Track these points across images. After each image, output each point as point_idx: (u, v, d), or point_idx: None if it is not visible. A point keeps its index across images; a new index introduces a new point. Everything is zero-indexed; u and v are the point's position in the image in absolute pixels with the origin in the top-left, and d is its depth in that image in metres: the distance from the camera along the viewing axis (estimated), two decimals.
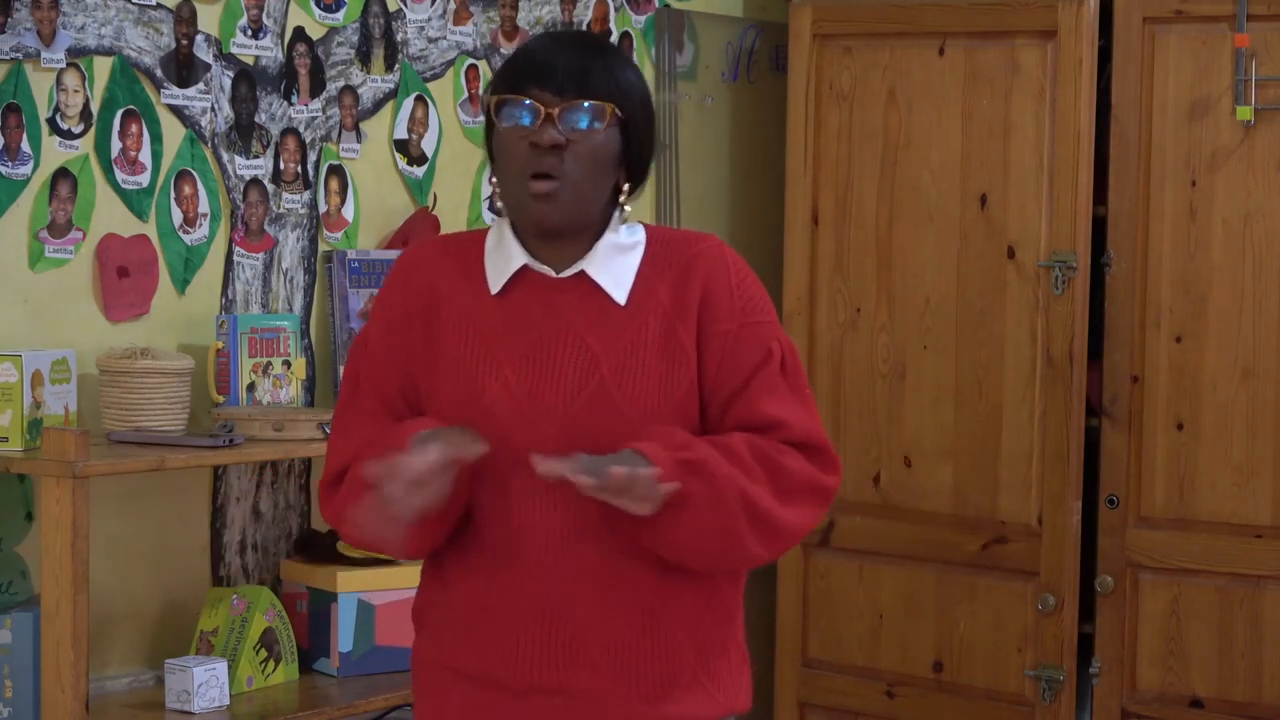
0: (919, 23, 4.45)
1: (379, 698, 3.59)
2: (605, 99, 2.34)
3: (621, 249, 2.41)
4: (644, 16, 4.57)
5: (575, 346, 2.36)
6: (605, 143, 2.35)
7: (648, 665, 2.38)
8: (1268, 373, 4.13)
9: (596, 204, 2.38)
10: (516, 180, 2.36)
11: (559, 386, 2.35)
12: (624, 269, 2.40)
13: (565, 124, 2.33)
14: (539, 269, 2.40)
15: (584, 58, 2.36)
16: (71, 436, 3.13)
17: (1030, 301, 4.32)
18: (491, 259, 2.43)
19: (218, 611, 3.58)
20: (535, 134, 2.32)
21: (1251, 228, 4.14)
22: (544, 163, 2.33)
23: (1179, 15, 4.18)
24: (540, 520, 2.35)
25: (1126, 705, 4.29)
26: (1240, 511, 4.16)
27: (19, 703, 3.26)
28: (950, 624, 4.44)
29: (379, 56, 4.00)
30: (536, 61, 2.36)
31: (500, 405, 2.35)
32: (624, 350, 2.36)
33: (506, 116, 2.35)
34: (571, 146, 2.33)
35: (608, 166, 2.37)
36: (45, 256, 3.44)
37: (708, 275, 2.40)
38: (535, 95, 2.33)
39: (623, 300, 2.38)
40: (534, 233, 2.39)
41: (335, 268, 3.87)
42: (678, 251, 2.42)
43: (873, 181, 4.51)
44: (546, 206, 2.34)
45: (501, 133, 2.37)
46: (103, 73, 3.51)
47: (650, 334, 2.37)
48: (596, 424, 2.33)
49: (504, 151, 2.37)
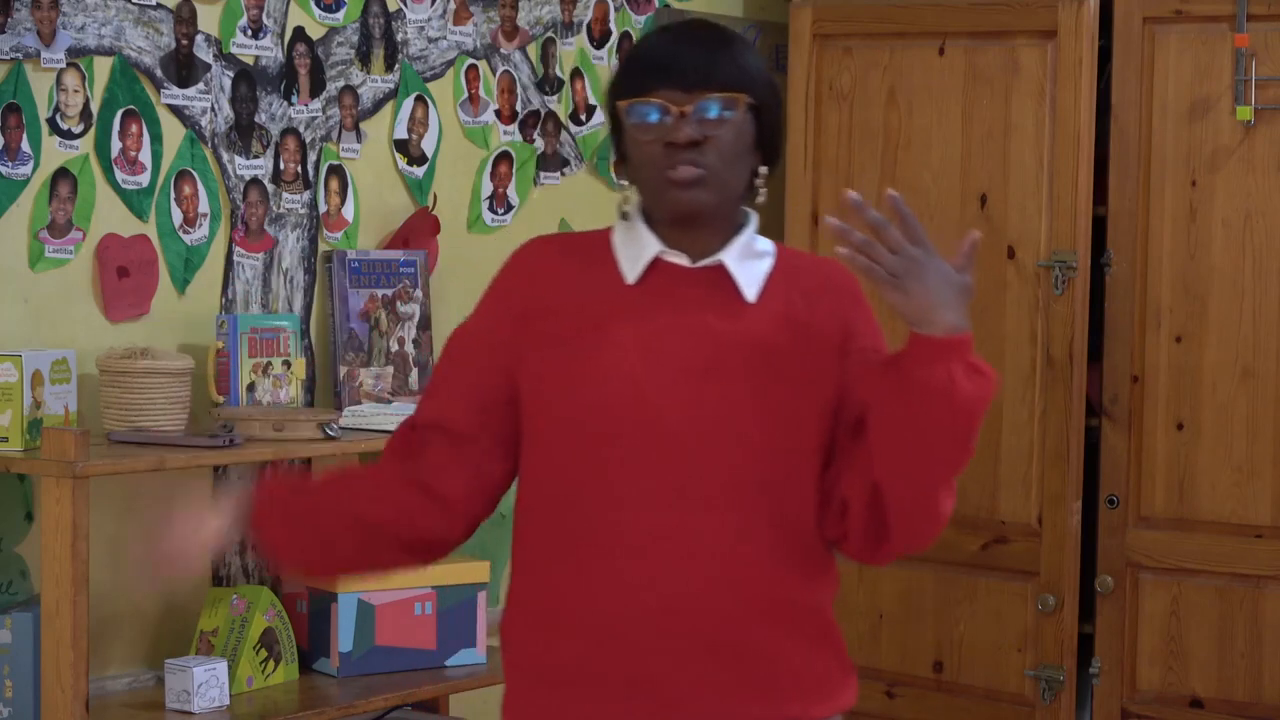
0: (919, 23, 4.45)
1: (379, 698, 3.59)
2: (735, 88, 2.32)
3: (755, 253, 2.39)
4: (644, 16, 4.57)
5: (703, 337, 2.33)
6: (740, 132, 2.33)
7: (759, 661, 2.33)
8: (1268, 373, 4.13)
9: (738, 190, 2.36)
10: (657, 175, 2.32)
11: (685, 376, 2.31)
12: (757, 269, 2.38)
13: (698, 119, 2.30)
14: (673, 259, 2.37)
15: (708, 49, 2.33)
16: (71, 436, 3.13)
17: (1030, 301, 4.32)
18: (623, 250, 2.39)
19: (218, 611, 3.58)
20: (670, 133, 2.30)
21: (1251, 228, 4.14)
22: (682, 159, 2.30)
23: (1179, 15, 4.18)
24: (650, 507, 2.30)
25: (1126, 705, 4.29)
26: (1240, 511, 4.16)
27: (19, 703, 3.26)
28: (950, 624, 4.44)
29: (379, 56, 4.00)
30: (661, 59, 2.33)
31: (618, 391, 2.31)
32: (755, 346, 2.33)
33: (637, 117, 2.32)
34: (709, 141, 2.30)
35: (745, 154, 2.35)
36: (45, 256, 3.44)
37: (847, 294, 2.41)
38: (664, 93, 2.30)
39: (752, 297, 2.36)
40: (678, 219, 2.35)
41: (335, 268, 3.87)
42: (812, 267, 2.43)
43: (873, 181, 4.50)
44: (691, 191, 2.31)
45: (634, 135, 2.33)
46: (103, 73, 3.51)
47: (783, 337, 2.34)
48: (718, 415, 2.30)
49: (639, 151, 2.34)
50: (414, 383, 3.95)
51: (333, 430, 3.52)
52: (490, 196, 4.24)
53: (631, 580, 2.30)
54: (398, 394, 3.91)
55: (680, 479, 2.29)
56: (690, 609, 2.30)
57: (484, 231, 4.23)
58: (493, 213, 4.24)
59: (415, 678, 3.68)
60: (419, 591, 3.74)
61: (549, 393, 2.35)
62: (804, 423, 2.34)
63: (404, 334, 3.96)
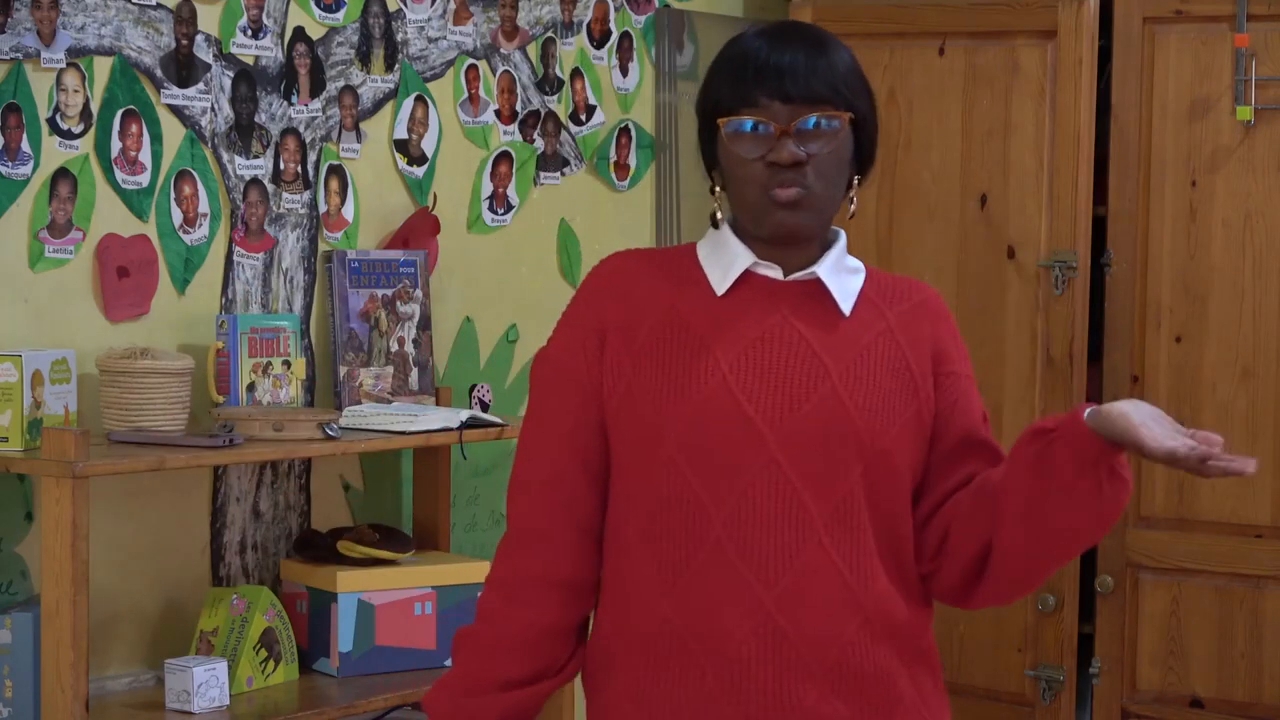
0: (919, 23, 4.45)
1: (379, 698, 3.59)
2: (836, 103, 2.26)
3: (848, 268, 2.35)
4: (644, 16, 4.57)
5: (800, 349, 2.28)
6: (841, 148, 2.28)
7: (867, 684, 2.26)
8: (1268, 373, 4.13)
9: (836, 207, 2.32)
10: (758, 194, 2.26)
11: (782, 388, 2.25)
12: (851, 283, 2.34)
13: (800, 135, 2.24)
14: (764, 271, 2.31)
15: (809, 58, 2.26)
16: (71, 436, 3.13)
17: (1030, 301, 4.32)
18: (711, 262, 2.33)
19: (218, 611, 3.58)
20: (773, 152, 2.24)
21: (1251, 228, 4.14)
22: (785, 179, 2.24)
23: (1179, 15, 4.18)
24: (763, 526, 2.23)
25: (1126, 705, 4.29)
26: (1240, 511, 4.16)
27: (19, 703, 3.25)
28: (950, 624, 4.44)
29: (379, 56, 3.99)
30: (760, 67, 2.26)
31: (714, 403, 2.24)
32: (853, 361, 2.28)
33: (734, 129, 2.26)
34: (811, 160, 2.24)
35: (845, 168, 2.31)
36: (45, 256, 3.44)
37: (940, 317, 2.38)
38: (764, 106, 2.24)
39: (847, 311, 2.31)
40: (777, 240, 2.30)
41: (335, 268, 3.87)
42: (904, 287, 2.38)
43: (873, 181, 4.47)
44: (795, 213, 2.25)
45: (733, 149, 2.27)
46: (103, 73, 3.51)
47: (880, 352, 2.30)
48: (826, 430, 2.24)
49: (738, 167, 2.27)
50: (414, 383, 3.95)
51: (333, 430, 3.52)
52: (490, 196, 4.24)
53: (750, 603, 2.23)
54: (398, 394, 3.91)
55: (790, 496, 2.23)
56: (812, 634, 2.24)
57: (484, 231, 4.23)
58: (493, 213, 4.24)
59: (415, 678, 3.68)
60: (419, 591, 3.74)
61: (641, 411, 2.28)
62: (903, 441, 2.29)
63: (404, 334, 3.96)
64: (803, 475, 2.23)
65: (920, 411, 2.31)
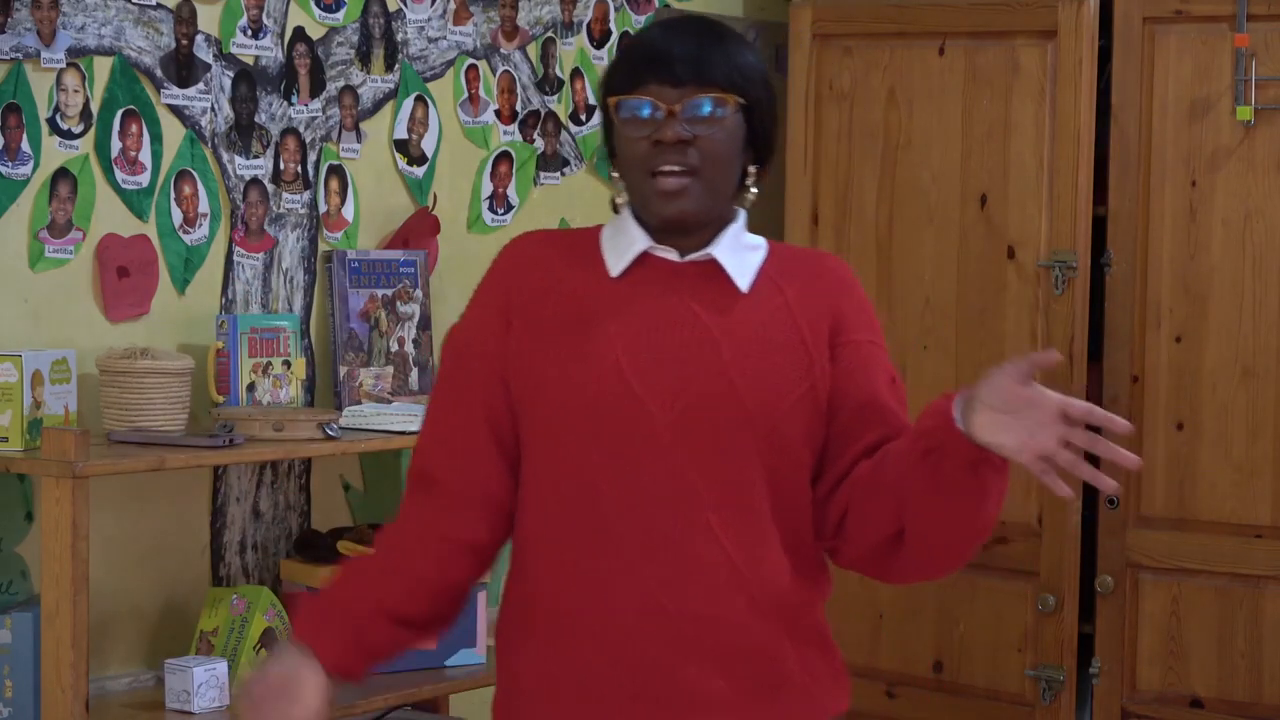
0: (919, 23, 4.45)
1: (379, 698, 3.59)
2: (726, 87, 2.29)
3: (746, 245, 2.37)
4: (644, 17, 4.57)
5: (695, 330, 2.30)
6: (730, 132, 2.31)
7: (752, 664, 2.30)
8: (1268, 373, 4.13)
9: (727, 193, 2.34)
10: (642, 178, 2.30)
11: (675, 370, 2.28)
12: (749, 261, 2.36)
13: (687, 118, 2.28)
14: (661, 253, 2.34)
15: (700, 46, 2.30)
16: (71, 436, 3.13)
17: (1030, 301, 4.32)
18: (610, 245, 2.36)
19: (218, 611, 3.58)
20: (658, 131, 2.27)
21: (1251, 228, 4.14)
22: (669, 159, 2.27)
23: (1179, 15, 4.18)
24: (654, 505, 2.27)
25: (1126, 705, 4.29)
26: (1240, 511, 4.16)
27: (19, 703, 3.26)
28: (950, 624, 4.44)
29: (379, 56, 4.00)
30: (652, 53, 2.30)
31: (606, 385, 2.28)
32: (746, 338, 2.30)
33: (627, 112, 2.30)
34: (696, 141, 2.28)
35: (734, 155, 2.33)
36: (45, 256, 3.44)
37: (841, 286, 2.38)
38: (653, 90, 2.28)
39: (745, 287, 2.33)
40: (665, 228, 2.33)
41: (335, 268, 3.87)
42: (805, 260, 2.41)
43: (873, 181, 4.51)
44: (676, 202, 2.29)
45: (623, 131, 2.31)
46: (103, 73, 3.51)
47: (775, 328, 2.32)
48: (715, 410, 2.26)
49: (626, 148, 2.31)
50: (414, 383, 3.95)
51: (333, 430, 3.52)
52: (490, 196, 4.24)
53: (636, 582, 2.27)
54: (398, 394, 3.92)
55: (678, 477, 2.26)
56: (695, 613, 2.27)
57: (484, 231, 4.23)
58: (493, 213, 4.24)
59: (415, 678, 3.68)
60: None
61: (541, 394, 2.32)
62: (796, 417, 2.30)
63: (404, 334, 3.96)
64: (692, 456, 2.27)
65: (815, 386, 2.32)
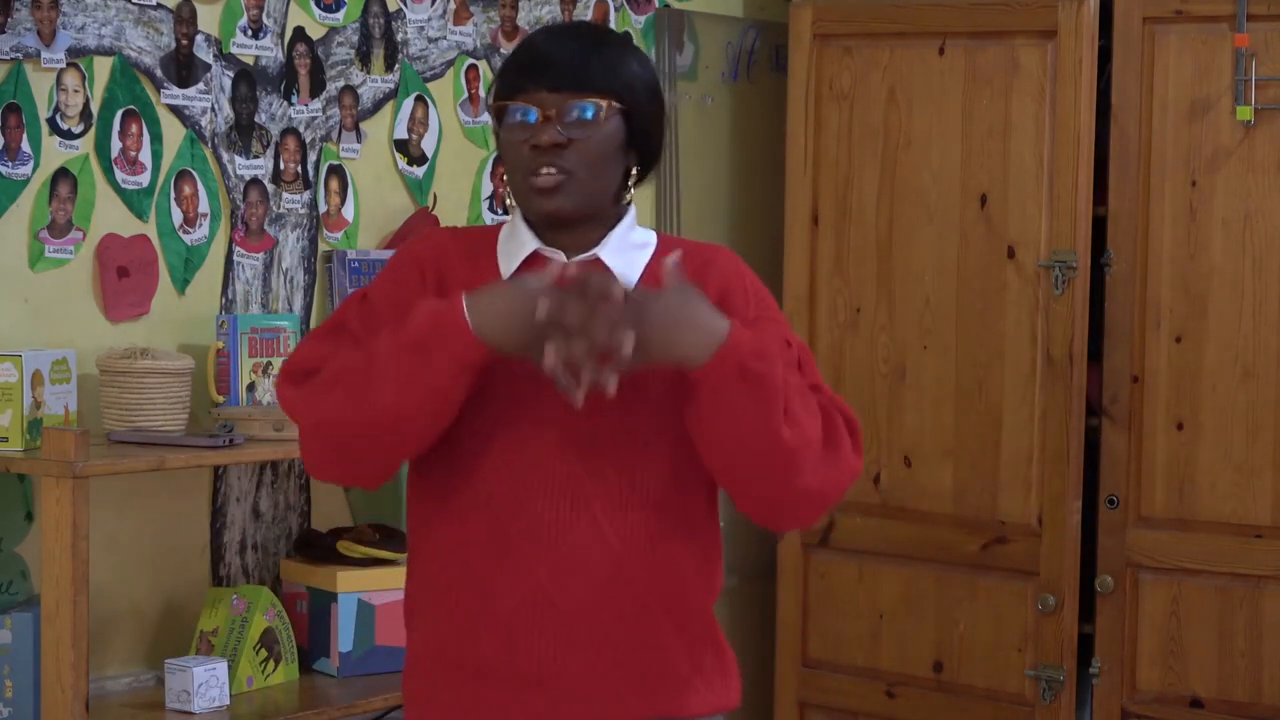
0: (919, 23, 4.45)
1: (379, 698, 3.60)
2: (604, 92, 2.35)
3: (634, 244, 2.43)
4: (644, 16, 4.57)
5: None
6: (607, 136, 2.36)
7: (637, 657, 2.37)
8: (1268, 373, 4.13)
9: (605, 193, 2.40)
10: (522, 179, 2.37)
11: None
12: (635, 260, 2.42)
13: (565, 122, 2.33)
14: (550, 254, 2.40)
15: (581, 51, 2.36)
16: (71, 436, 3.13)
17: (1030, 301, 4.32)
18: (504, 246, 2.43)
19: (218, 611, 3.58)
20: (535, 135, 2.33)
21: (1251, 228, 4.14)
22: (546, 161, 2.34)
23: (1179, 15, 4.18)
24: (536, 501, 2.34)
25: (1126, 705, 4.29)
26: (1240, 511, 4.16)
27: (19, 703, 3.26)
28: (950, 624, 4.44)
29: (379, 56, 4.00)
30: (533, 59, 2.37)
31: (498, 385, 2.33)
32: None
33: (508, 118, 2.36)
34: (573, 144, 2.34)
35: (612, 157, 2.38)
36: (45, 256, 3.44)
37: (725, 275, 2.42)
38: (533, 94, 2.34)
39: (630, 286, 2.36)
40: (544, 224, 2.40)
41: (335, 268, 3.87)
42: (693, 251, 2.44)
43: (873, 181, 4.51)
44: (553, 198, 2.35)
45: (505, 136, 2.38)
46: (103, 73, 3.51)
47: None
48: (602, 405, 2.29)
49: (508, 151, 2.38)
50: None
51: None
52: (490, 196, 4.24)
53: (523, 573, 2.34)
54: None
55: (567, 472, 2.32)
56: (580, 605, 2.34)
57: None
58: (493, 213, 4.24)
59: None
60: None
61: None
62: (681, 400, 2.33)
63: None
64: (580, 451, 2.33)
65: None
